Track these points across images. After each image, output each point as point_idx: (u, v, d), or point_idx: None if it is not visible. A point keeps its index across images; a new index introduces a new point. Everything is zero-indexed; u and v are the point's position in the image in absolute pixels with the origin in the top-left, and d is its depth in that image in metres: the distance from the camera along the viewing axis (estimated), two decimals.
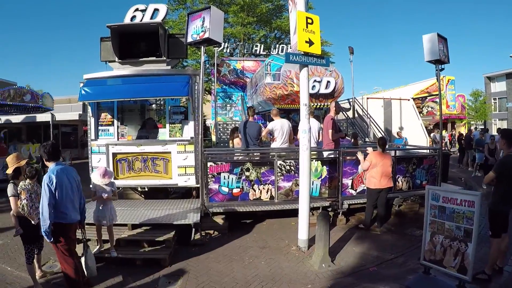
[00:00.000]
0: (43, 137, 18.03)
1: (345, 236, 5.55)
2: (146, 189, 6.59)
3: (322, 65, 5.13)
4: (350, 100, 14.67)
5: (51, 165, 3.42)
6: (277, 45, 15.41)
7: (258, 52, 15.22)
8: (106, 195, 4.46)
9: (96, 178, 4.50)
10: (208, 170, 5.79)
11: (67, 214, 3.39)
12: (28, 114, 17.10)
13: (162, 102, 8.00)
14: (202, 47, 5.57)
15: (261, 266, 4.41)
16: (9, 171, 3.82)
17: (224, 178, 5.86)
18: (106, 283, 3.95)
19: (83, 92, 6.15)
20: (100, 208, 4.50)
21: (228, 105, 14.30)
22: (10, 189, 3.76)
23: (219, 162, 5.88)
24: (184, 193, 7.09)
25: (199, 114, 6.16)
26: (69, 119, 19.01)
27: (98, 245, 4.62)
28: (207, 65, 15.60)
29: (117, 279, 4.06)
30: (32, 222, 3.73)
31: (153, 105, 8.40)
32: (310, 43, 4.76)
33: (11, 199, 3.73)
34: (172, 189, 7.03)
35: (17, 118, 19.08)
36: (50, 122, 13.51)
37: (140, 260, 4.46)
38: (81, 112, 19.14)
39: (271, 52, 14.79)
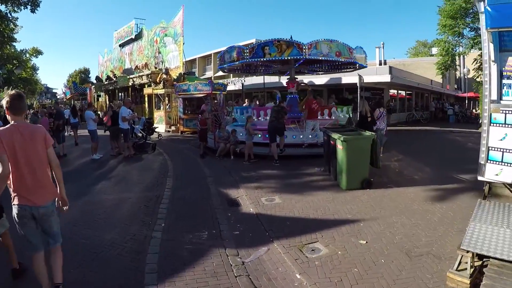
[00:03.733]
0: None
1: None
2: None
3: None
4: None
5: None
6: None
7: None
8: None
9: None
10: None
11: None
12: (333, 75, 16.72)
13: None
14: None
15: None
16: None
17: None
18: None
19: (489, 10, 3.33)
20: None
21: None
22: None
23: None
24: None
25: None
26: (378, 81, 17.16)
27: None
28: None
29: None
30: None
31: None
32: None
33: None
34: None
35: (320, 80, 19.06)
36: (358, 85, 11.79)
37: None
38: (391, 74, 17.06)
39: None
